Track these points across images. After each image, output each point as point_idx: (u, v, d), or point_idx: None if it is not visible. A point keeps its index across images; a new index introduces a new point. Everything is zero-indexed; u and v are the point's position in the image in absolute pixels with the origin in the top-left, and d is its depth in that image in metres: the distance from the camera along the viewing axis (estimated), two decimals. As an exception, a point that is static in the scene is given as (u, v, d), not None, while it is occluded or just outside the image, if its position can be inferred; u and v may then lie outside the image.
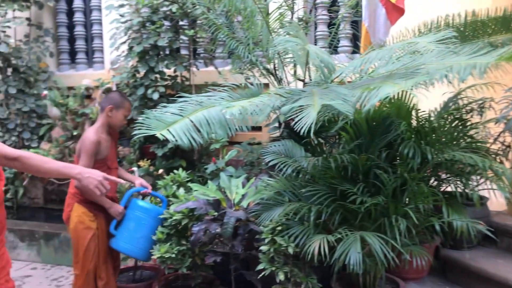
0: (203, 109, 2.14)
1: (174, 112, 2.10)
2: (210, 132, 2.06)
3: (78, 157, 3.06)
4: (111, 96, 3.20)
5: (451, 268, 3.31)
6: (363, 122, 2.82)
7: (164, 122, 1.97)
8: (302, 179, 2.94)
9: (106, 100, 3.15)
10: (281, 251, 2.74)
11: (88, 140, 2.98)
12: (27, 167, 2.10)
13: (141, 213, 3.17)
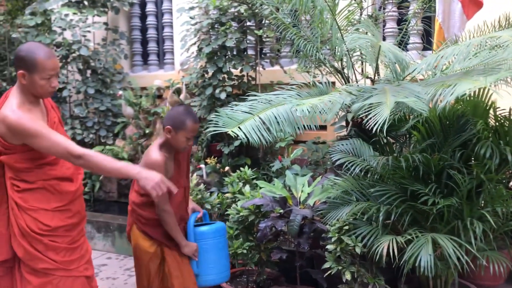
0: (272, 107, 2.17)
1: (244, 110, 2.15)
2: (278, 130, 2.09)
3: None
4: (172, 115, 2.59)
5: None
6: (436, 121, 2.73)
7: (235, 120, 2.03)
8: (371, 178, 2.89)
9: (167, 118, 2.60)
10: (348, 251, 2.71)
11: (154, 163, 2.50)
12: (91, 165, 2.22)
13: (215, 238, 2.84)
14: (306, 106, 1.99)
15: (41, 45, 2.26)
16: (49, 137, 2.16)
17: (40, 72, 2.17)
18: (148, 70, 6.97)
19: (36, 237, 2.24)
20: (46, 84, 2.21)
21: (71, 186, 2.40)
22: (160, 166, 2.49)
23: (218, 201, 3.75)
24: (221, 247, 2.86)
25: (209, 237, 2.83)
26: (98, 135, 6.30)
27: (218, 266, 2.85)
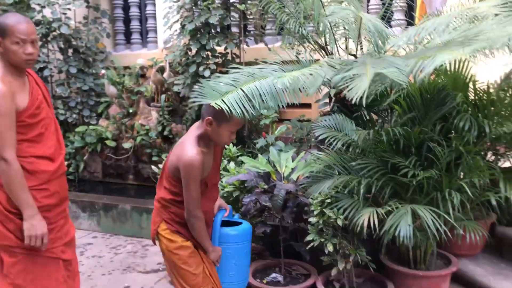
0: (255, 81, 2.17)
1: (227, 82, 2.14)
2: (261, 104, 2.09)
3: (172, 177, 2.22)
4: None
5: (508, 245, 3.20)
6: (417, 95, 2.76)
7: (218, 92, 2.03)
8: (353, 152, 2.93)
9: (208, 107, 2.11)
10: (330, 223, 2.76)
11: (191, 164, 2.07)
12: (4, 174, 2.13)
13: (242, 242, 2.49)
14: (287, 79, 1.99)
15: (17, 14, 2.24)
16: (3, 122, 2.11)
17: (10, 35, 2.12)
18: (131, 49, 6.87)
19: (8, 216, 2.20)
20: (19, 49, 2.14)
21: (50, 166, 2.33)
22: (197, 167, 2.08)
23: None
24: (246, 253, 2.52)
25: (236, 242, 2.46)
26: (81, 115, 6.24)
27: (239, 274, 2.50)
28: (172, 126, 5.62)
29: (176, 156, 2.14)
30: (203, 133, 2.15)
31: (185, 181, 2.11)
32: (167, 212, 2.27)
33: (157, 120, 5.70)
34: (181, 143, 2.18)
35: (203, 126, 2.14)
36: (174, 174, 2.18)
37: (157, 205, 2.31)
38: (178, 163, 2.11)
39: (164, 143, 5.67)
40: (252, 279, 3.09)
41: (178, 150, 2.16)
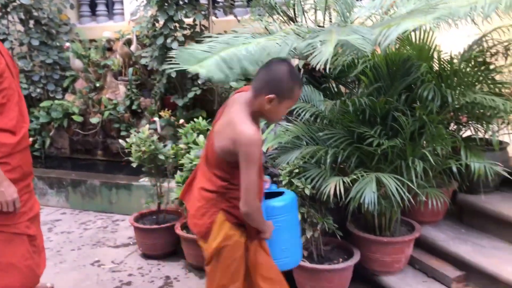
0: (231, 47, 2.14)
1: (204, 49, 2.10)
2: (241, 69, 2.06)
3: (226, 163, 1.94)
4: (277, 79, 1.85)
5: (467, 211, 3.33)
6: (383, 65, 2.80)
7: (195, 58, 1.98)
8: (320, 123, 2.96)
9: (268, 83, 1.86)
10: (298, 193, 2.80)
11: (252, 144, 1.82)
12: None
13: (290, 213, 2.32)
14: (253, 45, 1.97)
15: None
16: None
17: None
18: (96, 21, 6.65)
19: None
20: None
21: (11, 139, 2.26)
22: (259, 147, 1.86)
23: (173, 152, 3.74)
24: (296, 223, 2.36)
25: (285, 213, 2.27)
26: (46, 90, 6.04)
27: (292, 247, 2.34)
28: (141, 100, 5.52)
29: (230, 139, 1.84)
30: (256, 110, 1.91)
31: (246, 165, 1.83)
32: (226, 199, 1.97)
33: (125, 94, 5.59)
34: (231, 124, 1.86)
35: (256, 102, 1.89)
36: (227, 159, 1.91)
37: (209, 195, 1.98)
38: (234, 146, 1.83)
39: (133, 118, 5.58)
40: (222, 249, 3.13)
41: (230, 132, 1.85)
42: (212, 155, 1.96)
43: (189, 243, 3.41)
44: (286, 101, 1.90)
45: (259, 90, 1.86)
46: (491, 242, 3.06)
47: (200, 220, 1.99)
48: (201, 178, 2.04)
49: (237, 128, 1.82)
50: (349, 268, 2.91)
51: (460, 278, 2.89)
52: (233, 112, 1.89)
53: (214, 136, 1.94)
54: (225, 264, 2.01)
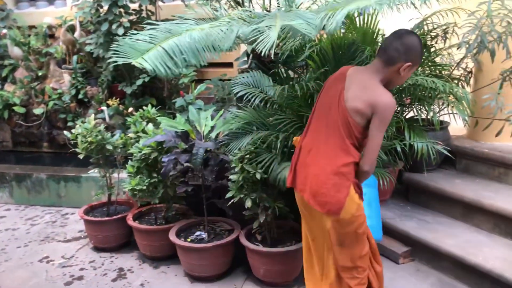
0: (173, 37, 2.08)
1: (145, 39, 2.03)
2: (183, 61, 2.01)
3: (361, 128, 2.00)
4: (413, 46, 1.94)
5: (413, 190, 3.49)
6: (329, 50, 2.83)
7: (138, 50, 1.92)
8: (270, 108, 2.97)
9: (407, 51, 1.93)
10: (250, 178, 2.81)
11: (392, 106, 1.93)
12: None
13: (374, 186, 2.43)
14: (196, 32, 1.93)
15: None
16: None
17: None
18: (36, 7, 6.32)
19: None
20: None
21: None
22: (394, 110, 2.03)
23: (122, 141, 3.64)
24: (377, 196, 2.41)
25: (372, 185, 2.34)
26: (-18, 80, 5.69)
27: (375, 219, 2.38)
28: (87, 89, 5.32)
29: (368, 102, 1.93)
30: (387, 78, 2.00)
31: (380, 126, 1.94)
32: (354, 173, 2.02)
33: (70, 83, 5.35)
34: (368, 89, 1.96)
35: (388, 71, 1.97)
36: (361, 124, 1.98)
37: (345, 169, 1.99)
38: (372, 108, 1.92)
39: (80, 107, 5.37)
40: (176, 238, 3.11)
41: (368, 96, 1.94)
42: (345, 122, 1.99)
43: (142, 234, 3.36)
44: (415, 67, 2.02)
45: (394, 59, 1.94)
46: (435, 217, 3.22)
47: (333, 198, 1.99)
48: (328, 153, 2.03)
49: (376, 92, 1.93)
50: (301, 250, 2.97)
51: (406, 253, 3.03)
52: (366, 80, 1.98)
53: (345, 101, 1.98)
54: (359, 232, 2.06)
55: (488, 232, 2.95)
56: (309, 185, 2.06)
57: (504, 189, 3.11)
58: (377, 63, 2.00)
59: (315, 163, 2.06)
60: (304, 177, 2.11)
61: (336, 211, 1.99)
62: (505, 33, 2.88)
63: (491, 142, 3.43)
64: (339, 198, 1.98)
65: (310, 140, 2.12)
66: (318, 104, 2.15)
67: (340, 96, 2.01)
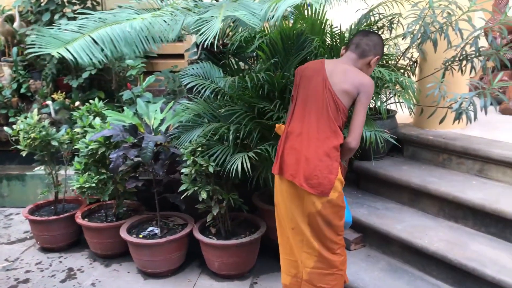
0: (106, 26, 1.99)
1: (73, 29, 1.94)
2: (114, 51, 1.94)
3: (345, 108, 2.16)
4: (379, 42, 2.26)
5: (363, 177, 3.56)
6: (278, 40, 2.83)
7: (61, 40, 1.82)
8: (221, 100, 2.93)
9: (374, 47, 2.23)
10: (202, 171, 2.78)
11: (372, 84, 2.16)
12: None
13: None
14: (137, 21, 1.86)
15: None
16: None
17: None
18: (-31, -5, 5.89)
19: None
20: None
21: None
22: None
23: (68, 137, 3.49)
24: None
25: None
26: None
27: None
28: (30, 83, 5.05)
29: (353, 83, 2.12)
30: (360, 69, 2.22)
31: (365, 103, 2.14)
32: (338, 153, 2.17)
33: (11, 77, 5.07)
34: (350, 72, 2.16)
35: (359, 63, 2.22)
36: (347, 105, 2.17)
37: (334, 152, 2.14)
38: (357, 88, 2.12)
39: (22, 102, 5.09)
40: (127, 235, 3.03)
41: (352, 78, 2.14)
42: (334, 105, 2.14)
43: (93, 232, 3.25)
44: (377, 62, 2.30)
45: (366, 53, 2.21)
46: (384, 204, 3.31)
47: (325, 179, 2.10)
48: (319, 136, 2.14)
49: (360, 75, 2.16)
50: (255, 241, 2.98)
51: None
52: (347, 68, 2.18)
53: (333, 87, 2.14)
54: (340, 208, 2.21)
55: (434, 216, 3.07)
56: (301, 169, 2.14)
57: (448, 174, 3.24)
58: (352, 56, 2.23)
59: (307, 146, 2.15)
60: (295, 162, 2.17)
61: (328, 192, 2.12)
62: (446, 23, 2.98)
63: (436, 129, 3.56)
64: (330, 179, 2.11)
65: (299, 125, 2.20)
66: (301, 93, 2.25)
67: (325, 83, 2.17)
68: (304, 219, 2.23)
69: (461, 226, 2.91)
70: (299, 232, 2.26)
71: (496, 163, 3.04)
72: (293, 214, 2.25)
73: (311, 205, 2.16)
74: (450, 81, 3.21)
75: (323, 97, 2.15)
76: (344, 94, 2.13)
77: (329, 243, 2.24)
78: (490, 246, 2.65)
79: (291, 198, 2.24)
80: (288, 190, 2.23)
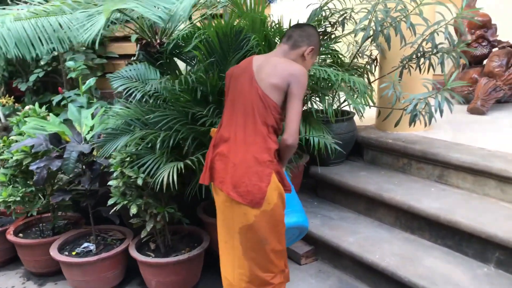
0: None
1: None
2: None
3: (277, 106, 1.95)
4: (313, 33, 2.10)
5: (320, 184, 3.33)
6: (215, 39, 2.59)
7: None
8: (153, 104, 2.69)
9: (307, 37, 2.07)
10: (132, 183, 2.53)
11: (306, 74, 1.96)
12: None
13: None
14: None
15: None
16: None
17: None
18: None
19: None
20: None
21: None
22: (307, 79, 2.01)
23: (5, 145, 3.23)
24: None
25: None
26: None
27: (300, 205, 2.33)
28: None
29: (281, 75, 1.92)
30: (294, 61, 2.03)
31: (298, 94, 1.90)
32: (276, 159, 1.94)
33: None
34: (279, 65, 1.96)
35: (293, 55, 2.05)
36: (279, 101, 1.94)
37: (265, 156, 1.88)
38: (287, 79, 1.90)
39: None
40: (57, 253, 2.78)
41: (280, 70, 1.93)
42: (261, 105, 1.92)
43: (24, 249, 3.00)
44: (315, 55, 2.14)
45: (299, 43, 2.04)
46: (340, 213, 3.08)
47: (254, 187, 1.86)
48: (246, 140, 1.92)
49: (289, 65, 1.96)
50: (196, 257, 2.73)
51: (309, 253, 2.87)
52: (276, 60, 1.99)
53: (259, 84, 1.94)
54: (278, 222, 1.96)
55: (390, 226, 2.84)
56: (229, 175, 1.92)
57: (407, 180, 3.01)
58: (284, 47, 2.06)
59: (234, 152, 1.94)
60: (223, 168, 1.96)
61: (259, 201, 1.87)
62: (399, 18, 2.76)
63: (397, 132, 3.34)
64: (260, 187, 1.87)
65: (227, 130, 2.01)
66: (230, 95, 2.06)
67: (252, 81, 1.97)
68: (235, 234, 1.99)
69: (418, 238, 2.69)
70: (232, 247, 2.03)
71: (455, 169, 2.82)
72: (227, 227, 2.02)
73: (242, 217, 1.92)
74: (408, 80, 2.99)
75: (250, 96, 1.95)
76: (272, 89, 1.92)
77: (265, 263, 2.00)
78: (445, 260, 2.43)
79: (224, 208, 2.01)
80: (222, 200, 2.00)
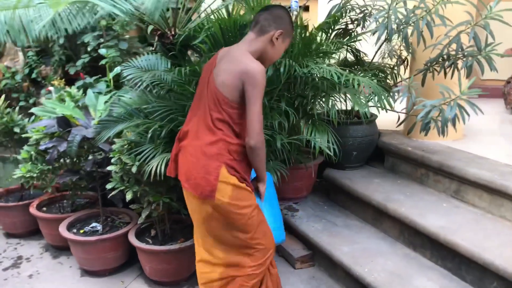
0: None
1: None
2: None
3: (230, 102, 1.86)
4: (281, 15, 1.94)
5: (333, 187, 3.18)
6: (218, 31, 2.56)
7: None
8: (157, 94, 2.73)
9: (274, 20, 1.91)
10: (126, 170, 2.60)
11: (262, 72, 1.79)
12: None
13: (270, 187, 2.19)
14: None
15: None
16: None
17: None
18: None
19: None
20: None
21: None
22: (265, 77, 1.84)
23: (33, 124, 3.48)
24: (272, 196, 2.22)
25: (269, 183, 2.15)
26: None
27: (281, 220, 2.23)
28: (42, 68, 5.19)
29: (236, 73, 1.82)
30: (261, 49, 1.93)
31: (254, 94, 1.79)
32: (228, 152, 1.87)
33: (24, 62, 5.24)
34: (235, 60, 1.86)
35: (259, 42, 1.92)
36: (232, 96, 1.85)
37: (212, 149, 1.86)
38: (241, 77, 1.80)
39: (33, 87, 5.26)
40: (64, 230, 2.94)
41: (235, 66, 1.83)
42: (214, 100, 1.88)
43: (44, 223, 3.22)
44: (287, 40, 1.99)
45: (265, 28, 1.91)
46: (346, 220, 2.93)
47: (203, 180, 1.85)
48: (198, 133, 1.93)
49: (243, 61, 1.83)
50: (188, 248, 2.75)
51: (305, 258, 2.77)
52: (235, 54, 1.90)
53: (214, 78, 1.89)
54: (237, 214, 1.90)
55: (394, 240, 2.65)
56: (184, 168, 1.96)
57: (421, 192, 2.78)
58: (249, 35, 1.96)
59: (189, 145, 1.96)
60: (182, 161, 1.99)
61: (209, 194, 1.85)
62: (421, 15, 2.53)
63: (422, 140, 3.09)
64: (208, 180, 1.85)
65: (188, 123, 2.01)
66: (197, 89, 2.05)
67: (210, 76, 1.94)
68: (201, 225, 2.02)
69: (418, 256, 2.48)
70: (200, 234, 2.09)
71: (472, 185, 2.55)
72: (193, 218, 2.06)
73: (201, 207, 1.94)
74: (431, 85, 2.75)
75: (206, 90, 1.93)
76: (224, 85, 1.85)
77: (240, 248, 1.99)
78: (438, 283, 2.21)
79: (187, 200, 2.05)
80: (185, 192, 2.04)
